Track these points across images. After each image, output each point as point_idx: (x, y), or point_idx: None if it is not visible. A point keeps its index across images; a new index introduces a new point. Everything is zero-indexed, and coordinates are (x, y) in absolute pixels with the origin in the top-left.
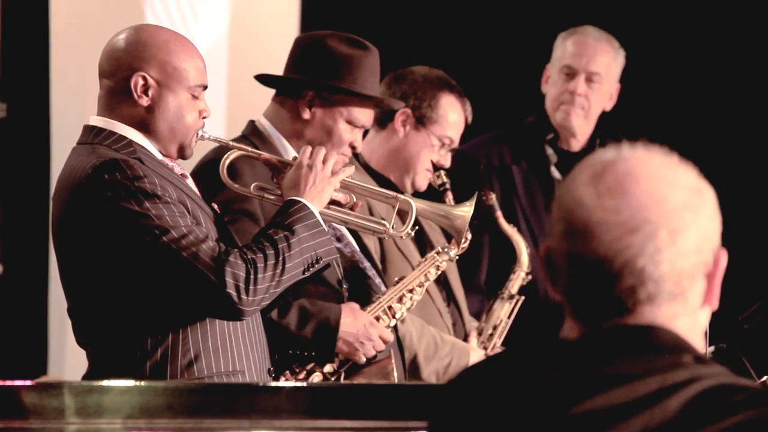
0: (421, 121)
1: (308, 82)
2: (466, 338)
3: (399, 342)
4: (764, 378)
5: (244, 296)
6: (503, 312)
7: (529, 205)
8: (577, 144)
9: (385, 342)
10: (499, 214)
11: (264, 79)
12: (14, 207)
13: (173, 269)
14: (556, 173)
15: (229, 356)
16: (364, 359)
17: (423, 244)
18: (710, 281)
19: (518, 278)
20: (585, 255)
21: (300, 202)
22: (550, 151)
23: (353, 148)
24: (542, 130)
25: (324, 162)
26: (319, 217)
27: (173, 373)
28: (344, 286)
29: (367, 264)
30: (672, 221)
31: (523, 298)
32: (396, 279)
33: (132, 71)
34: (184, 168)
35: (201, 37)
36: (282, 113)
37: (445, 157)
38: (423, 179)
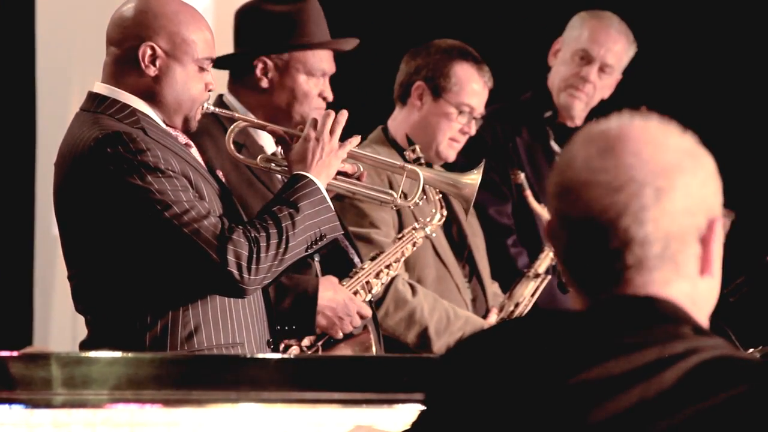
0: (436, 92)
1: (254, 51)
2: (486, 314)
3: (374, 316)
4: (750, 350)
5: (246, 275)
6: (527, 290)
7: (534, 177)
8: (573, 123)
9: (362, 317)
10: (528, 192)
11: (217, 62)
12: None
13: (175, 245)
14: (555, 146)
15: (228, 329)
16: (341, 334)
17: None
18: (705, 247)
19: (546, 257)
20: (573, 215)
21: (306, 177)
22: (548, 126)
23: (324, 98)
24: (541, 107)
25: (331, 133)
26: (324, 193)
27: (173, 345)
28: (316, 258)
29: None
30: (657, 180)
31: (549, 277)
32: (372, 255)
33: (140, 41)
34: (187, 137)
35: None
36: (243, 90)
37: (469, 125)
38: (447, 149)
